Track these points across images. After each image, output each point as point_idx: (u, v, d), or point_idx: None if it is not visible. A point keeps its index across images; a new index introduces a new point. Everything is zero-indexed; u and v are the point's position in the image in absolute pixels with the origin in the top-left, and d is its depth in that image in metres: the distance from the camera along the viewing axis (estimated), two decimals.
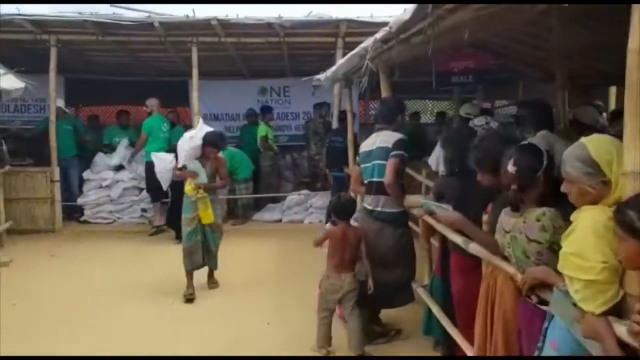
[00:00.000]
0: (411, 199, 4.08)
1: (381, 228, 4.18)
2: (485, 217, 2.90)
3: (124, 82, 11.36)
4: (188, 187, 5.45)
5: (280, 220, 9.06)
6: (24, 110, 11.13)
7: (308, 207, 9.07)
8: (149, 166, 7.85)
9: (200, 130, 5.52)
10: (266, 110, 10.10)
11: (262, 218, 9.17)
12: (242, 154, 9.05)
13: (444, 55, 6.82)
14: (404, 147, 4.09)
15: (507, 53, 7.45)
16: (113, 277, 6.11)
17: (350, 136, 7.76)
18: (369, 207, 4.26)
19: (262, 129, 9.67)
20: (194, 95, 8.46)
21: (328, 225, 4.29)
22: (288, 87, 11.27)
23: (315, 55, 9.36)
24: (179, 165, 5.56)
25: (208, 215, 5.43)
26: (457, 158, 3.36)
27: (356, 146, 7.84)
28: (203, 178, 5.45)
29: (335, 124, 8.78)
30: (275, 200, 9.70)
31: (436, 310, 3.73)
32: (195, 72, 8.31)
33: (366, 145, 4.37)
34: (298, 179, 10.85)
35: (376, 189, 4.17)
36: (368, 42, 4.05)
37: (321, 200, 8.93)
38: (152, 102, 8.41)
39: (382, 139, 4.19)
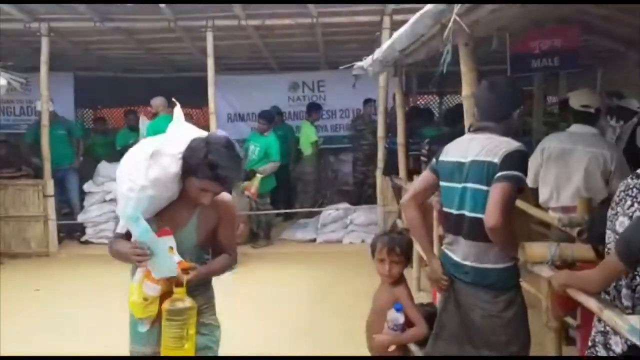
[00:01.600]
0: (532, 250, 2.47)
1: (475, 291, 2.55)
2: None
3: (141, 80, 10.10)
4: (134, 294, 2.29)
5: (314, 240, 7.53)
6: (30, 113, 9.98)
7: (348, 223, 7.52)
8: None
9: (174, 135, 2.38)
10: (315, 107, 8.79)
11: (294, 237, 7.66)
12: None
13: (522, 33, 5.29)
14: (522, 165, 2.42)
15: (606, 28, 5.79)
16: (106, 327, 4.60)
17: (400, 138, 6.22)
18: (455, 258, 2.62)
19: (311, 132, 8.42)
20: (210, 92, 7.02)
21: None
22: (323, 81, 9.91)
23: (354, 42, 7.91)
24: (118, 229, 2.44)
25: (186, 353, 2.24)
26: None
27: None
28: (172, 265, 2.23)
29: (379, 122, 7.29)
30: (310, 214, 8.23)
31: None
32: (210, 62, 6.91)
33: (453, 152, 2.62)
34: (335, 187, 9.50)
35: (469, 229, 2.50)
36: None
37: (364, 216, 7.40)
38: (157, 102, 7.12)
39: (484, 146, 2.47)
